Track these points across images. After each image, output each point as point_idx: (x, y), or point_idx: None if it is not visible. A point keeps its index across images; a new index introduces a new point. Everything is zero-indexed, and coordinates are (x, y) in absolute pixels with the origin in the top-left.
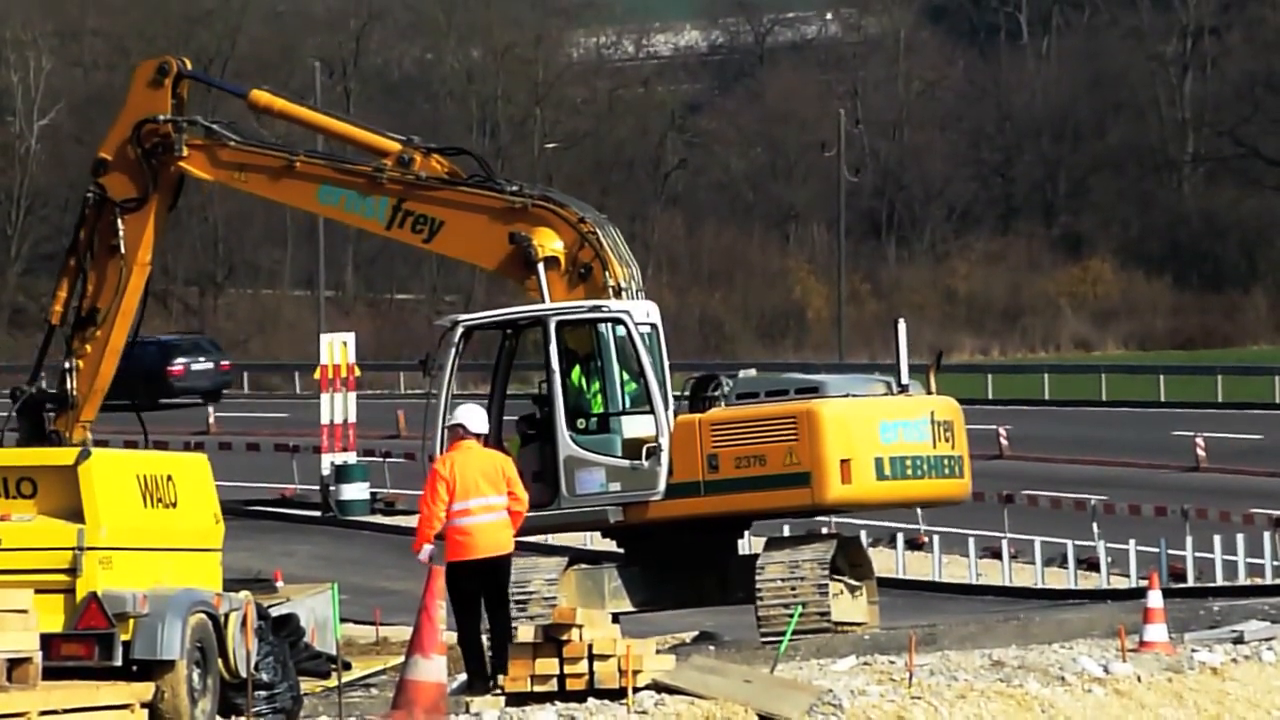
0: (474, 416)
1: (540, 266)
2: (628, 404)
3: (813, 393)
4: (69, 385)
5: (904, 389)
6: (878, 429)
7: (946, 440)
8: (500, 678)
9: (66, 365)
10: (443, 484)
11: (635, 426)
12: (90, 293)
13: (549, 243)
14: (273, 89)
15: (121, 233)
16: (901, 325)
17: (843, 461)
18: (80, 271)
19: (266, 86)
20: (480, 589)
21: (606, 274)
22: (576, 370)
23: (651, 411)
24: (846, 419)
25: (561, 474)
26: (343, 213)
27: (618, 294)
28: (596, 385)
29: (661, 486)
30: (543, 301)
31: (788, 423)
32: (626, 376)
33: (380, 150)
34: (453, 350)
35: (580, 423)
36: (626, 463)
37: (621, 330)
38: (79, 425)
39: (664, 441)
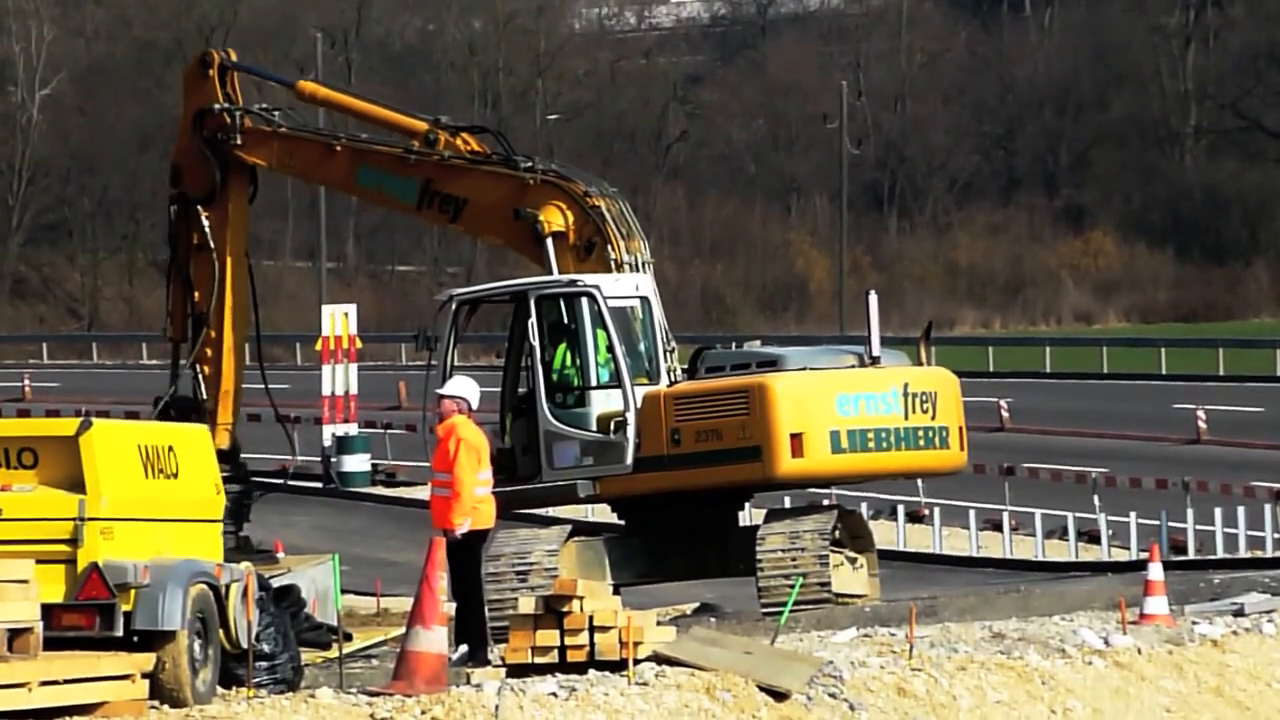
0: (475, 392)
1: (548, 242)
2: (605, 378)
3: (772, 366)
4: (199, 393)
5: (875, 361)
6: (834, 402)
7: (924, 411)
8: (499, 647)
9: (193, 374)
10: (475, 454)
11: (608, 401)
12: (198, 299)
13: (554, 218)
14: (318, 79)
15: (207, 228)
16: (873, 297)
17: (794, 435)
18: (185, 282)
19: (311, 76)
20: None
21: (609, 249)
22: (562, 345)
23: (620, 385)
24: (799, 392)
25: (542, 448)
26: (380, 194)
27: (620, 269)
28: (577, 359)
29: (629, 460)
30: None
31: (740, 397)
32: (606, 351)
33: (410, 131)
34: (449, 323)
35: (559, 397)
36: (600, 437)
37: (594, 304)
38: (220, 428)
39: (630, 416)
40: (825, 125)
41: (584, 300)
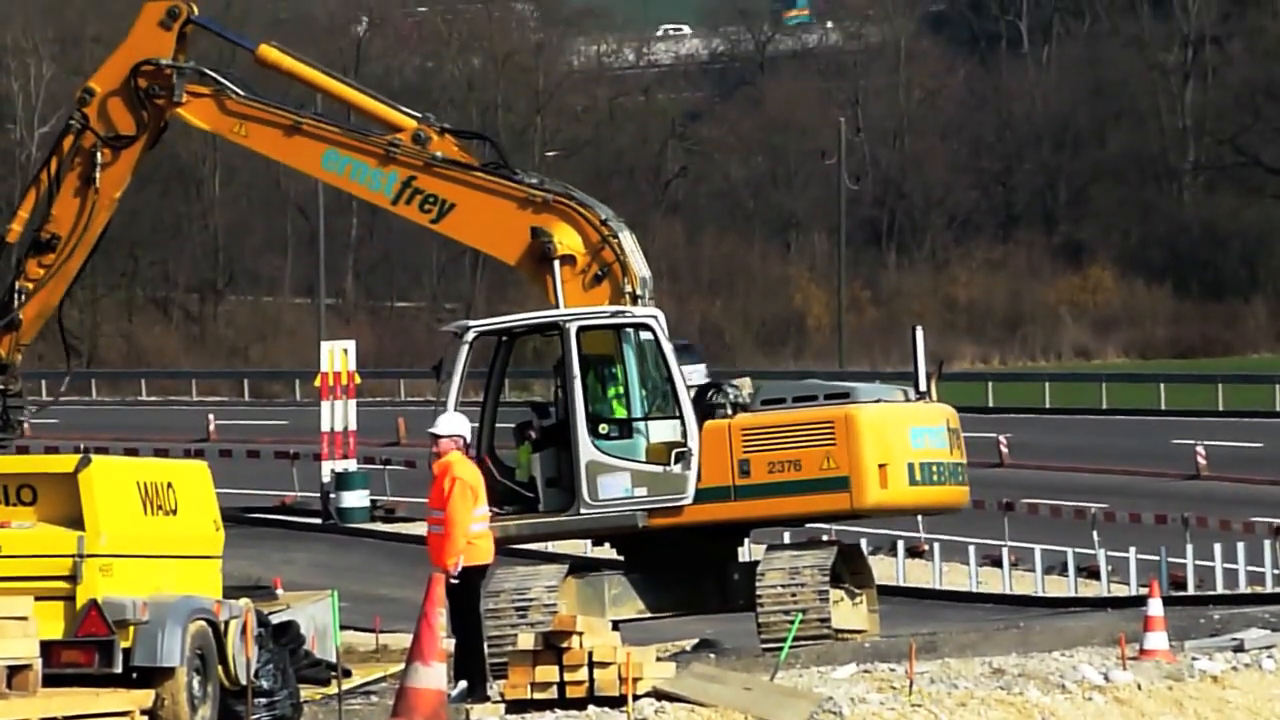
0: (469, 430)
1: (556, 264)
2: (653, 408)
3: (843, 398)
4: (15, 305)
5: (922, 396)
6: (909, 434)
7: (959, 448)
8: (498, 683)
9: (15, 286)
10: (471, 492)
11: (659, 431)
12: (55, 218)
13: (569, 241)
14: (282, 46)
15: (100, 167)
16: (919, 332)
17: (880, 466)
18: (49, 197)
19: (276, 42)
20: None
21: (625, 279)
22: (591, 375)
23: (680, 416)
24: (883, 424)
25: (583, 479)
26: (347, 181)
27: (634, 300)
28: (614, 390)
29: (691, 491)
30: (554, 300)
31: (824, 427)
32: (643, 381)
33: (393, 124)
34: (463, 357)
35: (602, 428)
36: (654, 468)
37: (646, 335)
38: (17, 350)
39: (693, 446)
40: (824, 161)
41: (636, 331)
